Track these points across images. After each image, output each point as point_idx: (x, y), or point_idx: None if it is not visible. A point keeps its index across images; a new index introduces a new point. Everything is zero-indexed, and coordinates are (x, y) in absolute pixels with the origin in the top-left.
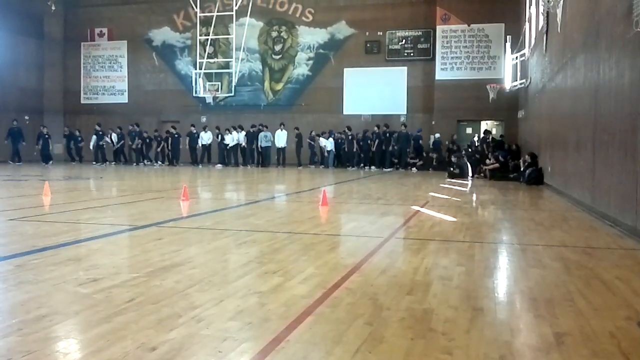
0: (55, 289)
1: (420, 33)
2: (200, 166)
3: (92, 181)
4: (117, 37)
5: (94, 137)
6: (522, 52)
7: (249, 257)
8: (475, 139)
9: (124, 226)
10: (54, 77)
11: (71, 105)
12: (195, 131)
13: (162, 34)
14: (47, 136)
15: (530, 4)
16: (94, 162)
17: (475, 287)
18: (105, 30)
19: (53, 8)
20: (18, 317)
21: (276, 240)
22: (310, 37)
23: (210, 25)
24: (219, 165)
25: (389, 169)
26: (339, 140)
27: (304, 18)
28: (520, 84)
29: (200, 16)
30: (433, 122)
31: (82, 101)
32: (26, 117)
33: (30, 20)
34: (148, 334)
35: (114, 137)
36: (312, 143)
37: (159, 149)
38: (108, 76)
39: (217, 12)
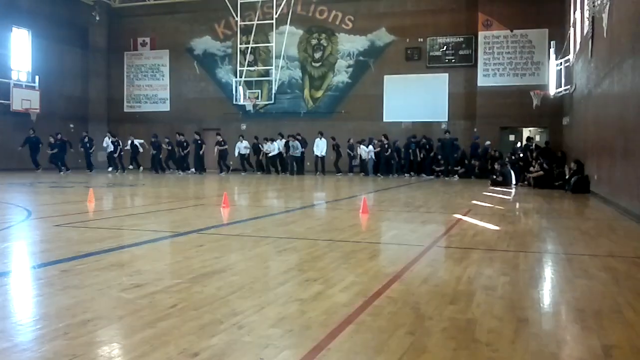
0: (100, 294)
1: (461, 39)
2: (222, 174)
3: (135, 188)
4: (160, 47)
5: (107, 144)
6: (566, 58)
7: (290, 265)
8: (518, 145)
9: (166, 232)
10: (98, 85)
11: (115, 113)
12: (221, 139)
13: (203, 43)
14: (58, 142)
15: (575, 9)
16: (109, 169)
17: (520, 298)
18: (148, 39)
19: (97, 18)
20: (64, 321)
21: (316, 247)
22: (350, 44)
23: (251, 34)
24: (258, 172)
25: (429, 177)
26: (378, 148)
27: (343, 25)
28: (565, 90)
29: (240, 25)
30: (475, 130)
31: (125, 109)
32: (71, 125)
33: (75, 31)
34: (190, 339)
35: (138, 142)
36: (351, 152)
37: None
38: (150, 85)
39: (258, 20)
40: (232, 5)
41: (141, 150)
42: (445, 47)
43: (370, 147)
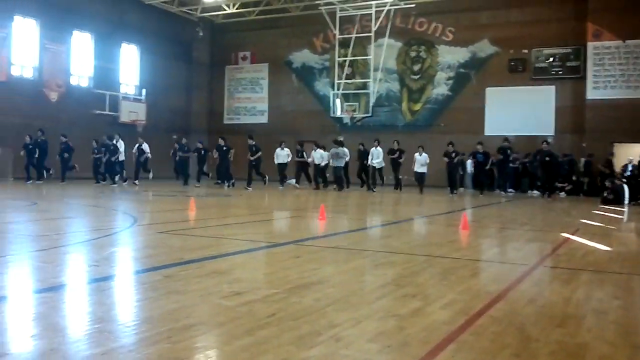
0: (201, 300)
1: (569, 50)
2: (249, 189)
3: (233, 199)
4: (260, 60)
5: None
6: None
7: (387, 279)
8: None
9: (263, 243)
10: (201, 98)
11: (215, 125)
12: (254, 143)
13: (301, 56)
14: (64, 146)
15: None
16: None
17: (635, 323)
18: (248, 54)
19: (201, 34)
20: (167, 325)
21: (414, 262)
22: (451, 56)
23: (349, 47)
24: (292, 181)
25: (536, 193)
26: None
27: (444, 37)
28: None
29: (339, 38)
30: (584, 144)
31: (225, 121)
32: (174, 137)
33: (181, 46)
34: (289, 349)
35: (145, 147)
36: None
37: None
38: (250, 97)
39: (356, 33)
40: (330, 18)
41: (149, 156)
42: (551, 58)
43: (425, 155)
